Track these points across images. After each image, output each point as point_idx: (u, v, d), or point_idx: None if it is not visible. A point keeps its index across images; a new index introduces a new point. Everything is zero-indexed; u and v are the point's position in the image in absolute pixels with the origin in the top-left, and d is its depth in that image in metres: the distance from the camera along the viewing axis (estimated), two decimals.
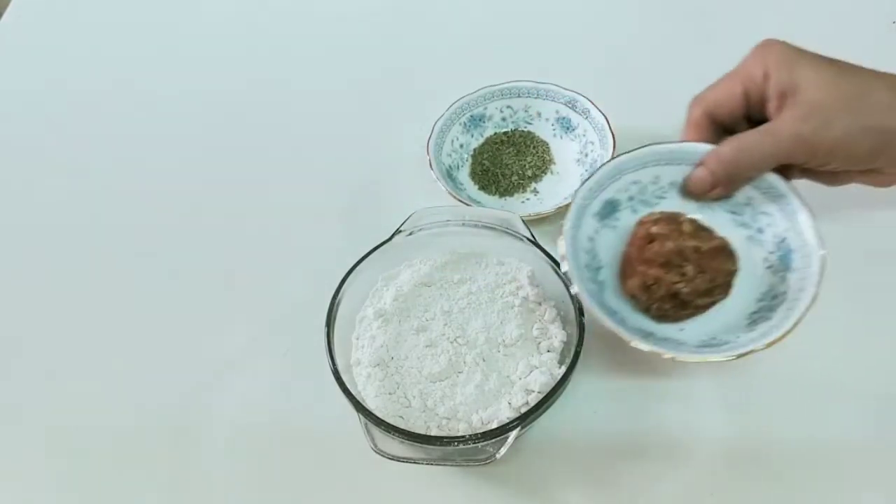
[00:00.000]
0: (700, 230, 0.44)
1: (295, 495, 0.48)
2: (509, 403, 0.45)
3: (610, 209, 0.47)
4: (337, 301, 0.48)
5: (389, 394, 0.47)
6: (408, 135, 0.66)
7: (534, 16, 0.78)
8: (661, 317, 0.45)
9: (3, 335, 0.58)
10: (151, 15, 0.84)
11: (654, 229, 0.43)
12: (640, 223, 0.45)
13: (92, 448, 0.51)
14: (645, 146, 0.47)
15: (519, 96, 0.65)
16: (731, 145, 0.44)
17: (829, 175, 0.47)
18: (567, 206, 0.56)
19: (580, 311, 0.46)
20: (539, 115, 0.65)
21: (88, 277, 0.60)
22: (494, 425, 0.44)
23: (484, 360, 0.48)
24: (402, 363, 0.48)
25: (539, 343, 0.49)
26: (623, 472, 0.47)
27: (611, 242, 0.47)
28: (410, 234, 0.51)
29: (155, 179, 0.67)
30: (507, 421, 0.44)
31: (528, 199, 0.61)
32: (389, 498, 0.47)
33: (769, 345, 0.40)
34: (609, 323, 0.41)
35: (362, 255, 0.50)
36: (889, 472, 0.45)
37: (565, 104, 0.64)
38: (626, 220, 0.47)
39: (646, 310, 0.45)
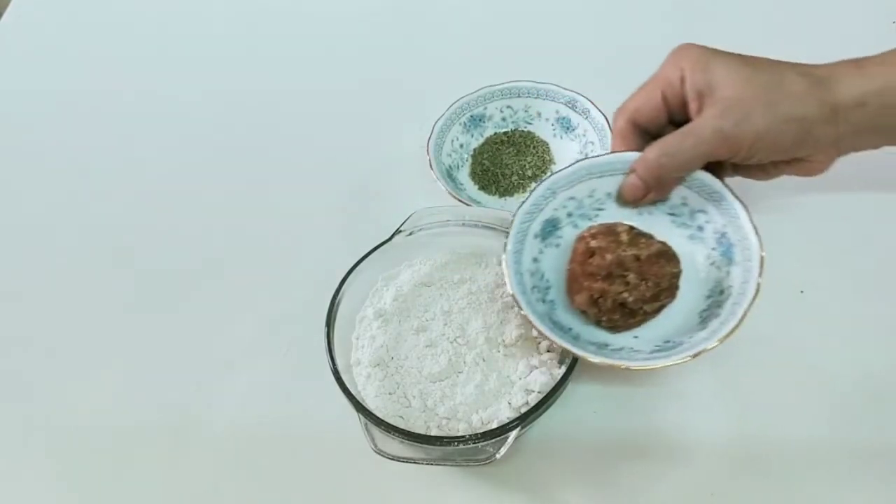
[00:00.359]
0: (638, 237, 0.45)
1: (295, 495, 0.48)
2: (509, 403, 0.45)
3: (551, 228, 0.48)
4: (337, 301, 0.48)
5: (389, 394, 0.47)
6: (408, 135, 0.66)
7: (534, 16, 0.78)
8: (613, 328, 0.45)
9: (3, 335, 0.58)
10: (151, 16, 0.84)
11: (593, 243, 0.44)
12: (580, 238, 0.46)
13: (92, 447, 0.51)
14: (575, 162, 0.48)
15: (519, 96, 0.65)
16: (656, 149, 0.45)
17: (758, 170, 0.47)
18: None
19: None
20: (539, 115, 0.65)
21: (88, 277, 0.60)
22: (494, 425, 0.44)
23: (484, 360, 0.48)
24: (402, 363, 0.48)
25: (539, 343, 0.49)
26: (623, 472, 0.47)
27: (556, 260, 0.47)
28: (410, 234, 0.51)
29: (155, 179, 0.67)
30: (507, 421, 0.44)
31: None
32: (389, 498, 0.47)
33: (721, 340, 0.40)
34: (559, 340, 0.42)
35: (362, 255, 0.50)
36: (889, 472, 0.45)
37: (565, 104, 0.64)
38: (569, 236, 0.48)
39: (597, 322, 0.45)
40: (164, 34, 0.82)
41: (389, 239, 0.51)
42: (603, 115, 0.61)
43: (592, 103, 0.62)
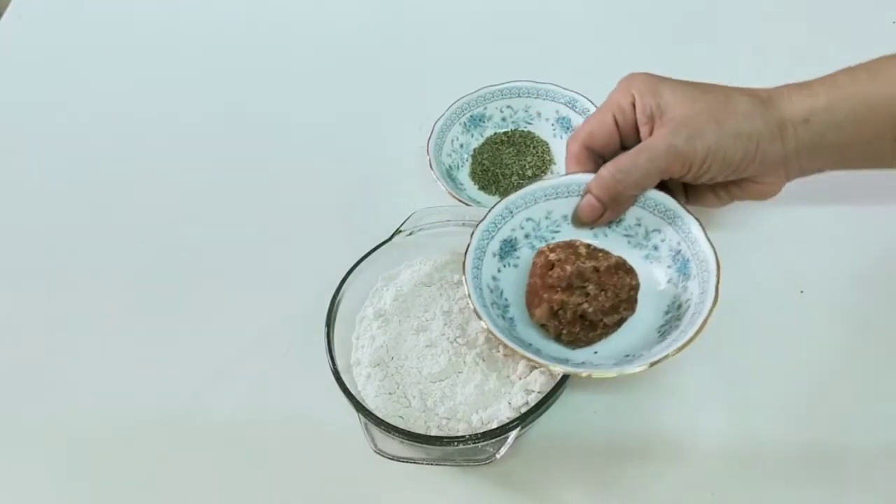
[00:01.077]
0: (595, 251, 0.45)
1: (295, 495, 0.48)
2: (509, 403, 0.45)
3: (509, 248, 0.48)
4: (337, 301, 0.48)
5: (389, 394, 0.47)
6: (408, 135, 0.66)
7: (534, 16, 0.78)
8: (573, 342, 0.45)
9: (3, 335, 0.58)
10: (152, 15, 0.84)
11: (552, 256, 0.44)
12: (539, 253, 0.46)
13: (92, 447, 0.51)
14: (531, 183, 0.48)
15: (519, 96, 0.65)
16: (610, 168, 0.46)
17: (711, 194, 0.49)
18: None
19: None
20: (539, 115, 0.65)
21: (88, 277, 0.60)
22: (494, 425, 0.44)
23: (484, 360, 0.48)
24: (402, 363, 0.48)
25: None
26: (623, 472, 0.47)
27: (514, 280, 0.48)
28: (410, 234, 0.51)
29: (155, 179, 0.67)
30: (507, 421, 0.44)
31: None
32: (389, 498, 0.47)
33: (679, 349, 0.40)
34: (522, 351, 0.42)
35: (362, 255, 0.50)
36: (888, 472, 0.45)
37: (565, 104, 0.64)
38: (526, 256, 0.49)
39: (557, 337, 0.45)
40: (164, 32, 0.82)
41: (389, 239, 0.51)
42: None
43: (592, 103, 0.62)
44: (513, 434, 0.42)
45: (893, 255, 0.55)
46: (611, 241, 0.49)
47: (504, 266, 0.48)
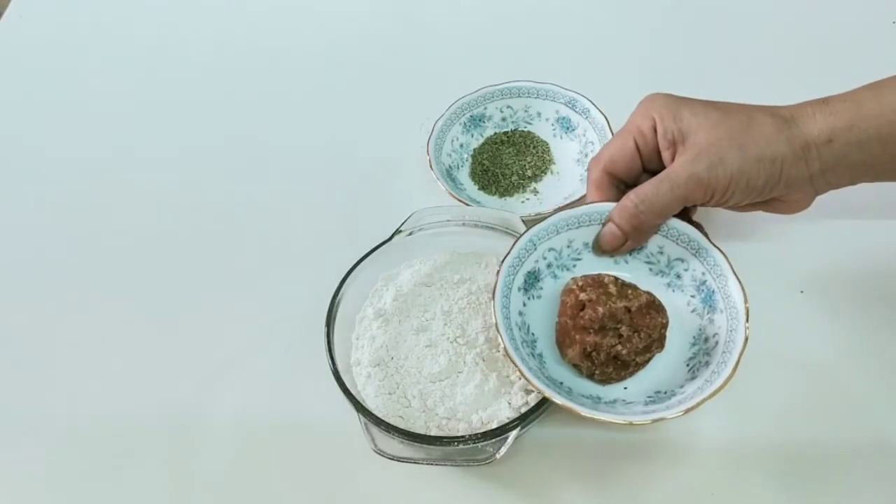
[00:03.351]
0: (625, 288, 0.45)
1: (295, 495, 0.48)
2: (509, 403, 0.45)
3: (532, 280, 0.48)
4: (337, 301, 0.48)
5: (389, 394, 0.47)
6: (408, 135, 0.66)
7: (534, 16, 0.78)
8: (605, 380, 0.45)
9: (3, 335, 0.57)
10: (152, 13, 0.84)
11: (583, 296, 0.44)
12: (568, 291, 0.46)
13: (92, 447, 0.51)
14: (553, 215, 0.48)
15: (519, 96, 0.65)
16: (633, 198, 0.45)
17: (734, 208, 0.48)
18: (566, 206, 0.56)
19: None
20: (539, 115, 0.65)
21: (89, 277, 0.60)
22: (494, 425, 0.44)
23: (484, 360, 0.48)
24: (402, 363, 0.48)
25: None
26: (623, 472, 0.47)
27: (540, 312, 0.48)
28: (410, 234, 0.51)
29: (155, 179, 0.67)
30: (507, 421, 0.44)
31: (527, 199, 0.61)
32: (389, 498, 0.47)
33: (714, 393, 0.41)
34: (564, 401, 0.41)
35: (362, 255, 0.50)
36: (889, 472, 0.45)
37: (565, 104, 0.64)
38: (549, 287, 0.48)
39: (590, 376, 0.45)
40: (165, 31, 0.82)
41: (389, 239, 0.51)
42: (603, 115, 0.61)
43: (592, 103, 0.62)
44: (513, 434, 0.42)
45: (894, 254, 0.55)
46: (632, 269, 0.49)
47: (528, 299, 0.48)
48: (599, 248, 0.48)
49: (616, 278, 0.45)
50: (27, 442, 0.52)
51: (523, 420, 0.42)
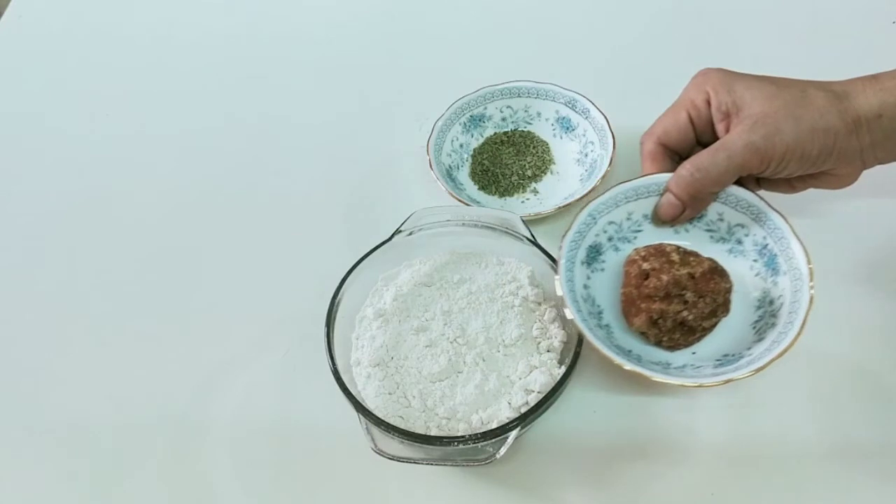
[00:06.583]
0: (687, 256, 0.46)
1: (295, 495, 0.48)
2: (509, 403, 0.45)
3: (595, 253, 0.49)
4: (337, 301, 0.48)
5: (389, 394, 0.47)
6: (408, 135, 0.66)
7: (534, 16, 0.78)
8: (673, 346, 0.46)
9: (3, 335, 0.58)
10: (153, 14, 0.84)
11: (646, 265, 0.45)
12: (631, 262, 0.47)
13: (92, 447, 0.51)
14: (611, 188, 0.49)
15: (519, 96, 0.65)
16: (689, 167, 0.46)
17: (785, 184, 0.49)
18: (567, 206, 0.56)
19: None
20: (539, 115, 0.65)
21: (88, 277, 0.60)
22: (494, 425, 0.44)
23: (484, 360, 0.48)
24: (402, 363, 0.48)
25: (539, 343, 0.49)
26: (623, 472, 0.47)
27: (604, 284, 0.49)
28: (410, 234, 0.51)
29: (155, 179, 0.67)
30: (507, 421, 0.44)
31: (527, 199, 0.61)
32: (389, 498, 0.47)
33: (782, 353, 0.42)
34: (629, 365, 0.42)
35: (362, 255, 0.50)
36: (889, 472, 0.45)
37: (565, 104, 0.64)
38: (612, 259, 0.49)
39: (657, 343, 0.46)
40: (165, 31, 0.82)
41: (389, 239, 0.51)
42: (603, 115, 0.61)
43: (592, 103, 0.62)
44: (513, 434, 0.42)
45: (894, 253, 0.55)
46: (692, 237, 0.50)
47: (592, 272, 0.49)
48: (658, 218, 0.49)
49: (678, 247, 0.46)
50: (27, 441, 0.52)
51: (523, 420, 0.42)
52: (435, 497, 0.47)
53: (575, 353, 0.45)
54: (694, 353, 0.46)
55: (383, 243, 0.51)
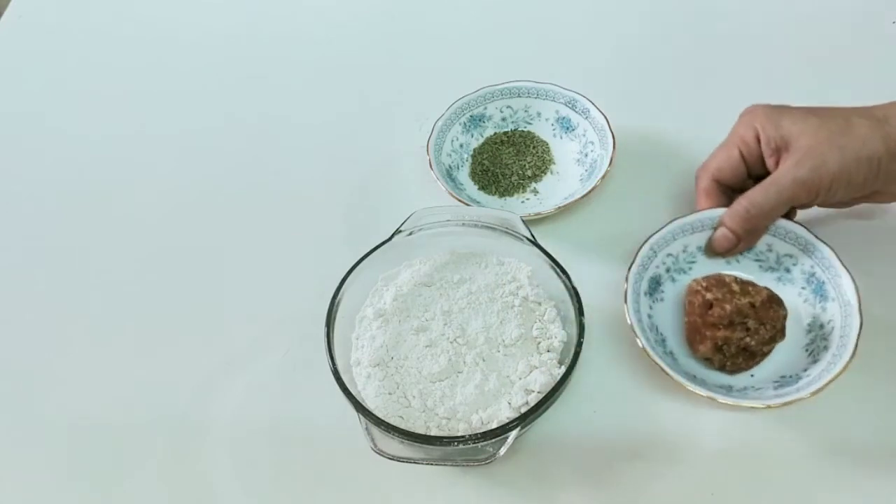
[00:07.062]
0: (746, 285, 0.48)
1: (295, 495, 0.48)
2: (509, 403, 0.45)
3: (655, 284, 0.52)
4: (337, 301, 0.48)
5: (389, 394, 0.47)
6: (408, 135, 0.66)
7: (534, 16, 0.78)
8: (735, 370, 0.49)
9: (3, 335, 0.57)
10: (153, 15, 0.84)
11: (709, 296, 0.48)
12: (693, 292, 0.49)
13: (92, 447, 0.51)
14: (669, 223, 0.52)
15: (519, 96, 0.65)
16: (744, 202, 0.50)
17: (839, 203, 0.51)
18: (567, 206, 0.56)
19: (580, 311, 0.46)
20: (539, 115, 0.65)
21: (88, 276, 0.60)
22: (494, 425, 0.44)
23: (484, 360, 0.48)
24: (402, 363, 0.48)
25: (539, 343, 0.49)
26: (623, 472, 0.47)
27: (665, 313, 0.52)
28: (410, 234, 0.51)
29: (155, 179, 0.67)
30: (507, 421, 0.44)
31: (528, 199, 0.61)
32: (389, 498, 0.47)
33: (838, 374, 0.44)
34: (702, 391, 0.45)
35: (362, 255, 0.50)
36: (889, 472, 0.45)
37: (565, 104, 0.64)
38: (670, 289, 0.53)
39: (721, 367, 0.49)
40: (165, 30, 0.82)
41: (389, 239, 0.51)
42: (603, 115, 0.61)
43: (592, 103, 0.62)
44: (513, 434, 0.42)
45: (894, 253, 0.55)
46: (743, 267, 0.53)
47: (654, 302, 0.52)
48: (713, 250, 0.52)
49: (736, 277, 0.49)
50: (27, 441, 0.52)
51: (523, 420, 0.42)
52: (435, 497, 0.47)
53: (575, 353, 0.45)
54: (752, 375, 0.49)
55: (383, 243, 0.51)
